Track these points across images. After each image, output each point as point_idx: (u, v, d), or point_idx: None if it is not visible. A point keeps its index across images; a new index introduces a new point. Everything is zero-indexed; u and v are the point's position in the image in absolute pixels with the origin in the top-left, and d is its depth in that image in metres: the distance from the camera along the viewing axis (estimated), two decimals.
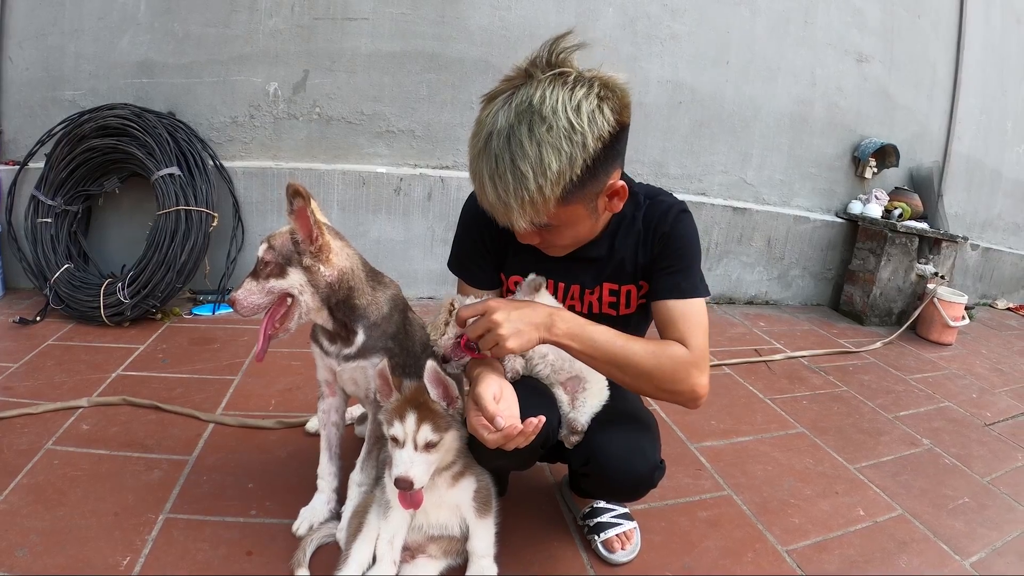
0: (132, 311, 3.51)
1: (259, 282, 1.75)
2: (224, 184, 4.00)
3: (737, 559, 2.16)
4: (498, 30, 4.32)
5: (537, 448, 1.69)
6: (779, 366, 4.14)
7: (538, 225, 1.57)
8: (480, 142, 1.52)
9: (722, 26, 5.02)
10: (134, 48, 3.98)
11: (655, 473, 1.84)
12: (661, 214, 1.80)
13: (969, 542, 2.45)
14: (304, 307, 1.80)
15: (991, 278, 7.59)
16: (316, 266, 1.78)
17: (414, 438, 1.61)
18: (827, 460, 2.95)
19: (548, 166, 1.45)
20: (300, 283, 1.77)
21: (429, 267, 4.46)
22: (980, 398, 4.14)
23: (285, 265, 1.76)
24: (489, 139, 1.50)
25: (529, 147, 1.44)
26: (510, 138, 1.46)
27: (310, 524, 2.01)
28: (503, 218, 1.56)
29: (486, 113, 1.53)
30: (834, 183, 5.94)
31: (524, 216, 1.51)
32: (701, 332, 1.71)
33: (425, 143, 4.40)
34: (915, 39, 6.07)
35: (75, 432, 2.46)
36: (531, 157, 1.44)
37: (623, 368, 1.63)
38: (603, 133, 1.48)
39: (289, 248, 1.76)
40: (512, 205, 1.49)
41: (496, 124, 1.48)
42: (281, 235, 1.78)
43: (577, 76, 1.48)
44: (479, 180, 1.54)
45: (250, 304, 1.75)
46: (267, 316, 1.80)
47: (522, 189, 1.47)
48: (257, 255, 1.77)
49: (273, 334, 1.80)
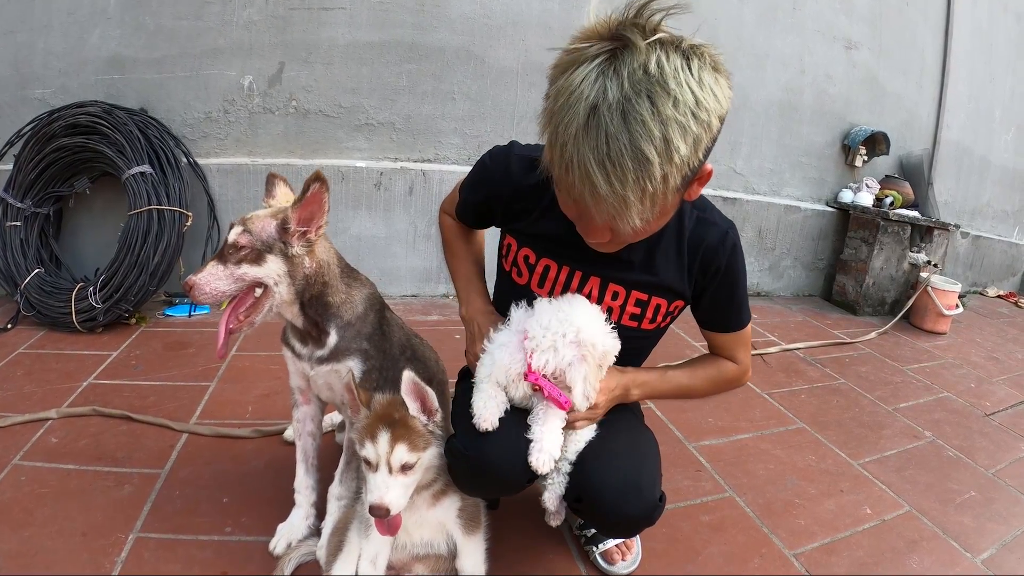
0: (105, 316, 3.38)
1: (227, 267, 1.61)
2: (198, 182, 3.88)
3: (743, 565, 2.09)
4: (480, 18, 4.20)
5: (524, 485, 1.64)
6: (774, 359, 4.08)
7: (644, 221, 1.29)
8: (580, 117, 1.19)
9: (709, 14, 4.92)
10: (104, 43, 3.84)
11: (654, 513, 1.65)
12: (714, 244, 1.64)
13: (979, 538, 2.41)
14: (277, 299, 1.68)
15: (981, 266, 7.61)
16: (300, 256, 1.67)
17: (388, 460, 1.46)
18: (829, 456, 2.89)
19: (676, 150, 1.18)
20: (278, 273, 1.65)
21: (412, 264, 4.35)
22: (979, 388, 4.11)
23: (264, 252, 1.63)
24: (594, 114, 1.18)
25: (654, 126, 1.16)
26: (627, 114, 1.16)
27: (288, 542, 1.89)
28: (605, 215, 1.28)
29: (576, 80, 1.21)
30: (824, 172, 5.90)
31: (642, 213, 1.25)
32: (747, 348, 1.87)
33: (406, 136, 4.28)
34: (904, 26, 6.03)
35: (44, 446, 2.35)
36: (656, 138, 1.16)
37: (684, 398, 1.80)
38: (724, 111, 1.24)
39: (271, 234, 1.64)
40: (630, 199, 1.22)
41: (603, 96, 1.17)
42: (261, 219, 1.65)
43: (689, 44, 1.21)
44: (581, 168, 1.22)
45: (212, 290, 1.60)
46: (230, 307, 1.67)
47: (645, 178, 1.19)
48: (227, 238, 1.62)
49: (236, 328, 1.67)
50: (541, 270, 1.71)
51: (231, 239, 1.61)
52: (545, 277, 1.71)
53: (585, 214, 1.36)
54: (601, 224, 1.34)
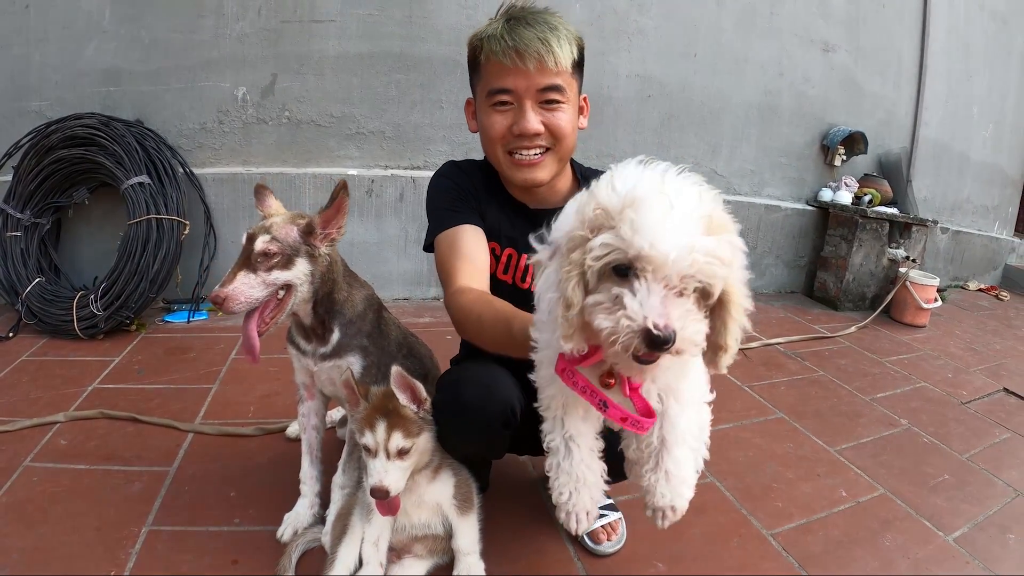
0: (106, 323, 3.46)
1: (258, 274, 1.71)
2: (194, 191, 3.96)
3: (723, 544, 2.20)
4: (466, 28, 4.23)
5: (500, 431, 1.69)
6: (756, 353, 4.19)
7: (553, 85, 1.74)
8: (497, 21, 1.76)
9: (689, 19, 5.04)
10: (100, 56, 3.92)
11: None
12: None
13: (952, 518, 2.52)
14: (298, 298, 1.80)
15: (962, 260, 7.72)
16: (324, 256, 1.81)
17: (386, 446, 1.61)
18: (807, 444, 3.00)
19: (566, 25, 1.76)
20: (304, 273, 1.78)
21: (403, 268, 4.45)
22: (955, 377, 4.23)
23: (293, 256, 1.76)
24: (509, 15, 1.75)
25: (548, 16, 1.75)
26: (531, 13, 1.74)
27: (294, 529, 2.00)
28: (537, 55, 1.67)
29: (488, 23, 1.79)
30: (804, 171, 6.01)
31: (561, 48, 1.70)
32: None
33: (395, 144, 4.38)
34: (880, 27, 6.15)
35: (53, 448, 2.43)
36: (552, 20, 1.74)
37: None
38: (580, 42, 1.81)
39: (295, 238, 1.77)
40: (549, 38, 1.68)
41: (510, 12, 1.76)
42: (282, 226, 1.77)
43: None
44: (509, 32, 1.70)
45: (247, 299, 1.69)
46: (256, 313, 1.74)
47: (557, 30, 1.72)
48: (254, 247, 1.71)
49: (264, 330, 1.76)
50: (505, 259, 1.92)
51: (260, 247, 1.71)
52: (508, 264, 1.93)
53: (517, 94, 1.75)
54: (533, 94, 1.74)
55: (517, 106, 1.76)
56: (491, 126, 1.80)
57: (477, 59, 1.81)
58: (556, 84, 1.73)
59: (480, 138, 1.88)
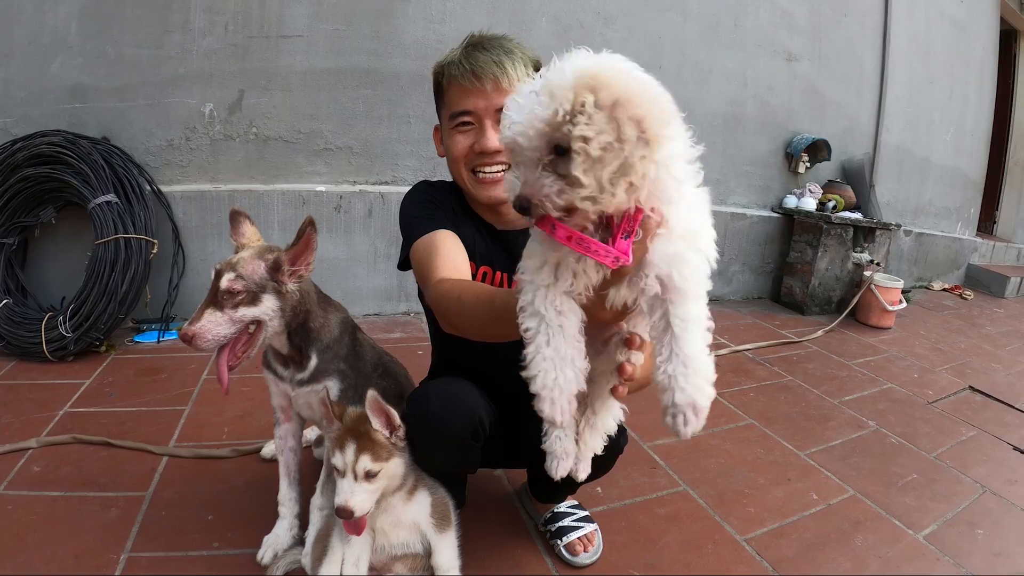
0: (75, 345, 3.40)
1: (224, 312, 1.69)
2: (162, 209, 3.91)
3: (698, 552, 2.24)
4: (433, 43, 4.33)
5: (468, 441, 1.72)
6: (724, 360, 4.23)
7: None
8: (458, 49, 1.83)
9: (654, 32, 5.12)
10: (66, 72, 3.85)
11: (620, 439, 1.89)
12: None
13: (921, 516, 2.60)
14: (270, 332, 1.79)
15: (926, 261, 7.89)
16: (293, 292, 1.79)
17: (353, 468, 1.62)
18: (778, 449, 3.06)
19: (520, 47, 1.83)
20: (272, 309, 1.76)
21: (374, 284, 4.45)
22: (922, 377, 4.35)
23: (259, 292, 1.74)
24: (469, 43, 1.83)
25: (505, 41, 1.82)
26: (489, 39, 1.81)
27: (274, 552, 1.99)
28: (492, 76, 1.74)
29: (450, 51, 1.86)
30: (769, 179, 6.12)
31: (516, 69, 1.75)
32: None
33: (364, 159, 4.39)
34: (842, 37, 6.30)
35: (27, 475, 2.38)
36: (508, 45, 1.81)
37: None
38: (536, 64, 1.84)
39: (262, 275, 1.75)
40: (504, 62, 1.75)
41: (470, 41, 1.84)
42: (248, 262, 1.75)
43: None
44: (466, 58, 1.78)
45: (214, 336, 1.68)
46: (227, 348, 1.74)
47: (512, 52, 1.79)
48: (220, 286, 1.69)
49: (235, 365, 1.75)
50: (480, 276, 1.93)
51: (224, 286, 1.69)
52: (484, 281, 1.93)
53: (477, 115, 1.79)
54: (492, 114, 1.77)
55: (478, 126, 1.80)
56: (454, 146, 1.84)
57: (440, 85, 1.87)
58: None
59: (447, 161, 1.91)
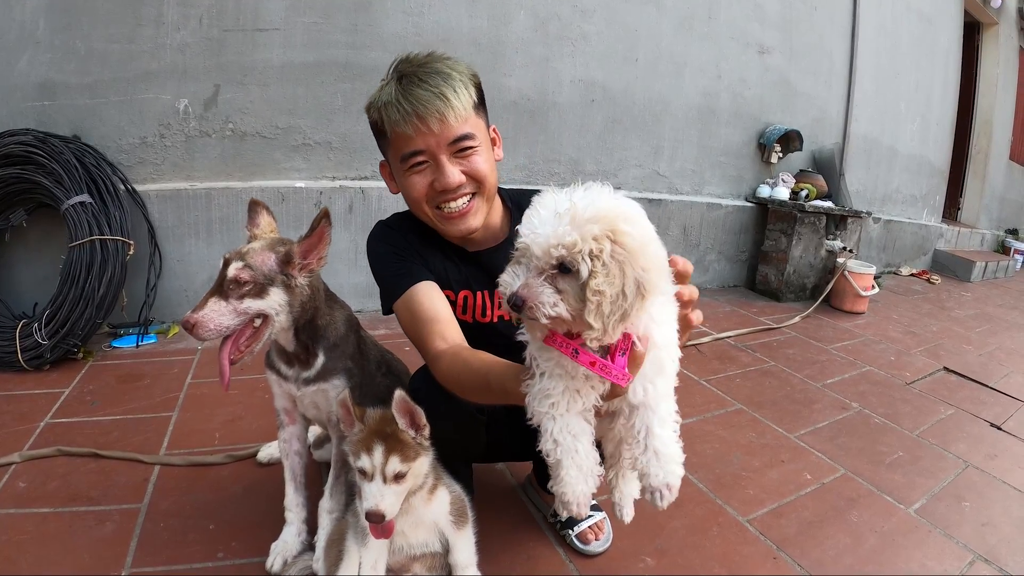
0: (52, 353, 3.30)
1: (229, 302, 1.64)
2: (137, 209, 3.81)
3: (704, 534, 2.30)
4: (412, 36, 4.29)
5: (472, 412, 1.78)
6: (708, 348, 4.32)
7: (462, 135, 1.73)
8: (389, 83, 1.74)
9: (631, 25, 5.13)
10: (34, 68, 3.72)
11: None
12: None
13: (909, 491, 2.72)
14: (276, 327, 1.75)
15: (894, 247, 8.07)
16: (303, 287, 1.76)
17: (383, 471, 1.57)
18: (768, 432, 3.14)
19: (458, 68, 1.74)
20: (280, 303, 1.72)
21: (354, 281, 4.39)
22: (898, 360, 4.49)
23: (267, 285, 1.69)
24: (400, 73, 1.73)
25: (438, 64, 1.73)
26: (420, 66, 1.72)
27: (284, 559, 1.93)
28: (437, 113, 1.67)
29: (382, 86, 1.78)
30: (742, 170, 6.20)
31: (459, 98, 1.69)
32: None
33: (343, 155, 4.34)
34: (812, 29, 6.39)
35: (12, 492, 2.26)
36: (443, 68, 1.72)
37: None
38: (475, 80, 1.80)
39: (272, 267, 1.71)
40: (446, 92, 1.67)
41: (400, 70, 1.74)
42: (258, 252, 1.71)
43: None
44: (404, 96, 1.68)
45: (216, 327, 1.63)
46: (231, 341, 1.69)
47: (451, 78, 1.70)
48: (227, 275, 1.65)
49: (237, 359, 1.70)
50: (461, 301, 1.94)
51: (231, 275, 1.65)
52: (465, 305, 1.95)
53: (430, 152, 1.73)
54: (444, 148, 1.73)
55: (433, 163, 1.75)
56: (412, 188, 1.79)
57: (381, 127, 1.78)
58: (465, 133, 1.74)
59: (404, 199, 1.86)
